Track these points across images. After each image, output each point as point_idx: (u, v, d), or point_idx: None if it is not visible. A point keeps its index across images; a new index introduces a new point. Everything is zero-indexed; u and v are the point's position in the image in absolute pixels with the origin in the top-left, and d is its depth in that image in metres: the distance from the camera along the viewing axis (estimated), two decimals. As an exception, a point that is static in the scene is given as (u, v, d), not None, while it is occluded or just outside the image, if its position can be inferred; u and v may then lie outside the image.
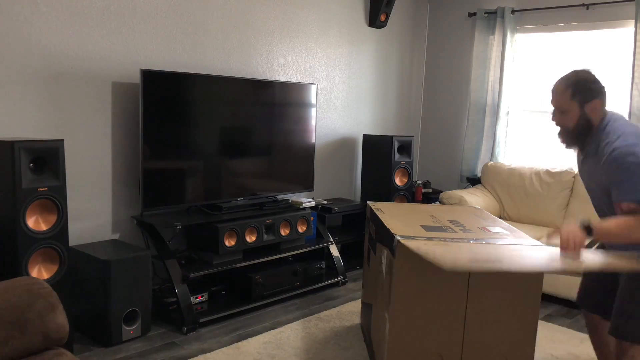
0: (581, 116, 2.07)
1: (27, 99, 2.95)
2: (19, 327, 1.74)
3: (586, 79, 2.08)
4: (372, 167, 4.72)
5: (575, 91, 2.07)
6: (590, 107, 2.06)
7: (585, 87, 2.06)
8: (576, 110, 2.07)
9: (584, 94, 2.06)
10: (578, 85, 2.07)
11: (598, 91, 2.07)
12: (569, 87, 2.08)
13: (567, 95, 2.08)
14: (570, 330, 3.43)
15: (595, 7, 4.37)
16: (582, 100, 2.06)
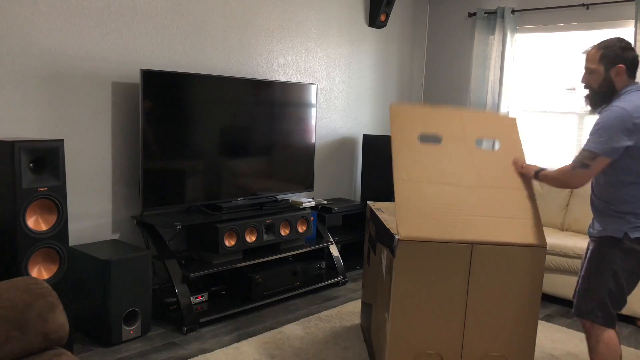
0: (605, 78, 2.19)
1: (27, 99, 2.95)
2: (19, 327, 1.74)
3: (618, 45, 2.18)
4: (372, 167, 4.72)
5: (604, 54, 2.18)
6: (614, 71, 2.17)
7: (614, 52, 2.17)
8: (601, 71, 2.19)
9: (611, 58, 2.17)
10: (608, 48, 2.18)
11: (626, 58, 2.16)
12: (600, 50, 2.20)
13: (597, 56, 2.20)
14: (570, 330, 3.43)
15: (595, 7, 4.37)
16: (607, 63, 2.18)
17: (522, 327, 2.32)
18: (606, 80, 2.19)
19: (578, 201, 4.21)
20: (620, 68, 2.16)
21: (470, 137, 2.59)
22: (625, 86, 2.18)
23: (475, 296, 2.30)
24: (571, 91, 4.63)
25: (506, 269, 2.28)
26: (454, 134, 2.58)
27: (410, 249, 2.26)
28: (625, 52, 2.17)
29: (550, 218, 4.33)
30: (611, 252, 2.20)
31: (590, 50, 2.24)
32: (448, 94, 5.39)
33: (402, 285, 2.28)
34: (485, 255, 2.28)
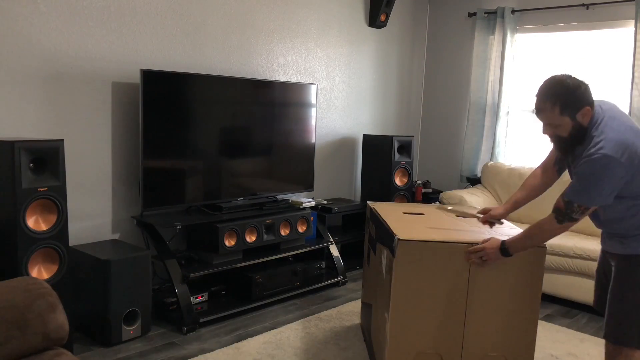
0: (574, 126, 2.01)
1: (27, 99, 2.95)
2: (19, 327, 1.74)
3: (569, 88, 1.98)
4: (372, 167, 4.72)
5: (564, 106, 1.98)
6: (581, 115, 1.99)
7: (572, 98, 1.98)
8: (568, 122, 2.00)
9: (573, 105, 1.98)
10: (563, 98, 1.98)
11: (584, 96, 1.99)
12: (556, 104, 1.98)
13: (556, 112, 2.00)
14: (570, 330, 3.43)
15: (595, 7, 4.37)
16: (572, 112, 1.99)
17: (522, 327, 2.32)
18: (575, 128, 2.00)
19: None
20: (587, 110, 1.98)
21: (448, 213, 2.89)
22: (590, 120, 2.00)
23: (475, 296, 2.30)
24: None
25: (506, 269, 2.28)
26: (433, 211, 2.91)
27: (410, 249, 2.26)
28: (579, 90, 1.97)
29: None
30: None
31: (544, 107, 2.03)
32: (448, 94, 5.39)
33: (402, 285, 2.28)
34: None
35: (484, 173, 4.82)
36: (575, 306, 3.84)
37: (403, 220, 2.62)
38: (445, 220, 2.71)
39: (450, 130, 5.39)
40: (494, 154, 4.94)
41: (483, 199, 4.57)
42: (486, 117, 4.97)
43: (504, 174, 4.65)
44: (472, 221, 2.64)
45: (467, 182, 5.11)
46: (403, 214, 2.81)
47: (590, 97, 2.02)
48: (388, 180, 4.57)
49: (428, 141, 5.58)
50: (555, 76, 2.04)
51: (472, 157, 5.11)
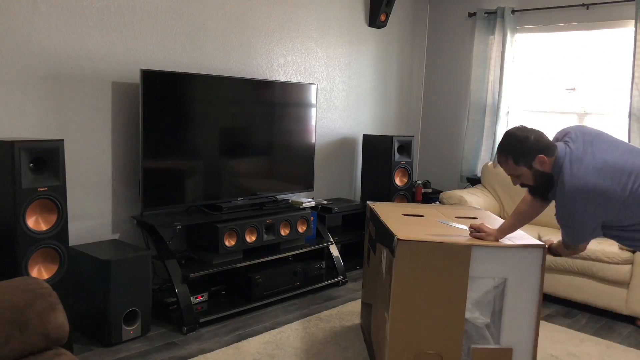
0: (534, 174, 2.13)
1: (27, 99, 2.95)
2: (19, 327, 1.74)
3: (519, 140, 2.11)
4: (372, 167, 4.72)
5: (516, 158, 2.12)
6: (537, 163, 2.10)
7: (522, 150, 2.10)
8: (527, 171, 2.13)
9: (525, 156, 2.10)
10: (515, 151, 2.12)
11: (535, 146, 2.09)
12: (509, 156, 2.14)
13: (511, 163, 2.15)
14: (570, 330, 3.43)
15: (595, 7, 4.37)
16: (526, 162, 2.11)
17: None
18: (537, 175, 2.13)
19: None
20: (541, 158, 2.09)
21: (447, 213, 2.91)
22: (555, 163, 2.10)
23: (475, 296, 2.30)
24: (571, 91, 4.63)
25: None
26: (432, 212, 2.91)
27: (410, 249, 2.26)
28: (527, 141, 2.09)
29: (550, 218, 4.33)
30: None
31: (500, 160, 2.17)
32: (448, 94, 5.39)
33: (402, 285, 2.28)
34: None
35: (484, 173, 4.82)
36: (575, 306, 3.84)
37: (403, 221, 2.62)
38: (445, 219, 2.71)
39: (450, 130, 5.39)
40: (494, 154, 4.94)
41: (483, 199, 4.57)
42: (486, 117, 4.97)
43: (504, 174, 4.64)
44: (470, 222, 2.64)
45: (467, 182, 5.11)
46: (403, 215, 2.81)
47: (543, 145, 2.11)
48: (388, 180, 4.57)
49: (428, 141, 5.58)
50: (509, 130, 2.19)
51: (472, 157, 5.11)
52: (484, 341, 2.35)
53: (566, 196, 2.01)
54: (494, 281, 2.31)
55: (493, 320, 2.35)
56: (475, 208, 3.22)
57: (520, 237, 2.40)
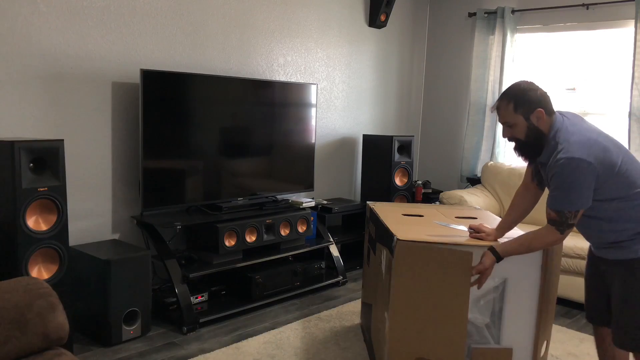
0: (529, 127, 2.08)
1: (27, 99, 2.95)
2: (19, 327, 1.74)
3: (525, 89, 2.09)
4: (372, 167, 4.72)
5: (517, 104, 2.07)
6: (534, 117, 2.07)
7: (525, 98, 2.07)
8: (522, 122, 2.09)
9: (526, 105, 2.07)
10: (518, 97, 2.08)
11: (539, 99, 2.07)
12: (511, 101, 2.09)
13: (510, 109, 2.09)
14: (570, 330, 3.43)
15: (595, 7, 4.37)
16: (525, 111, 2.07)
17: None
18: (530, 129, 2.08)
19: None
20: (540, 112, 2.05)
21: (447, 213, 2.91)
22: (551, 126, 2.08)
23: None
24: (571, 91, 4.63)
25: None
26: (431, 212, 2.91)
27: (410, 249, 2.26)
28: (534, 93, 2.07)
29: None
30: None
31: (500, 104, 2.12)
32: (448, 94, 5.39)
33: (402, 285, 2.28)
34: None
35: (484, 173, 4.82)
36: (575, 306, 3.84)
37: (402, 221, 2.62)
38: (444, 221, 2.71)
39: (450, 130, 5.39)
40: (494, 154, 4.94)
41: (483, 199, 4.57)
42: (486, 117, 4.97)
43: (504, 174, 4.65)
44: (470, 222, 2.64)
45: (467, 182, 5.11)
46: (403, 215, 2.81)
47: (546, 103, 2.09)
48: (388, 180, 4.57)
49: (428, 141, 5.58)
50: (517, 81, 2.16)
51: (472, 157, 5.11)
52: (484, 341, 2.35)
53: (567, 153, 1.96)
54: (494, 281, 2.31)
55: (493, 320, 2.35)
56: (475, 208, 3.22)
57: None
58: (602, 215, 2.05)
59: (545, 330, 2.43)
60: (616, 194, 2.00)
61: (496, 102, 2.15)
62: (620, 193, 2.00)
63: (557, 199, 2.00)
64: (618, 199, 2.00)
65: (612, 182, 1.98)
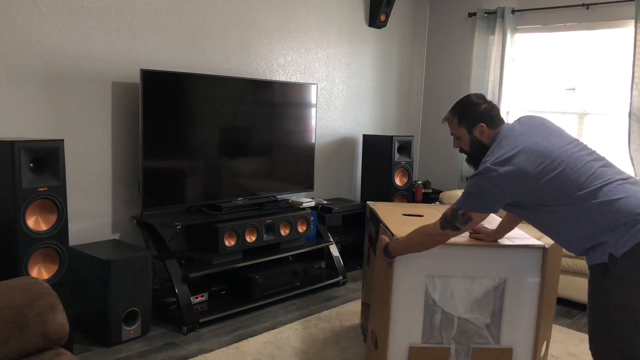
0: (472, 140, 2.14)
1: (27, 99, 2.95)
2: (19, 327, 1.74)
3: (469, 104, 2.14)
4: (372, 167, 4.72)
5: (461, 118, 2.15)
6: (477, 131, 2.12)
7: (469, 113, 2.13)
8: (466, 135, 2.15)
9: (469, 119, 2.13)
10: (462, 112, 2.15)
11: (482, 114, 2.11)
12: (455, 115, 2.16)
13: (455, 122, 2.17)
14: (570, 330, 3.43)
15: (595, 7, 4.37)
16: (468, 125, 2.14)
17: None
18: (473, 142, 2.14)
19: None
20: (482, 127, 2.10)
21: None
22: (493, 139, 2.09)
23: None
24: (571, 91, 4.63)
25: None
26: (431, 212, 2.90)
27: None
28: (477, 108, 2.12)
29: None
30: (604, 282, 1.85)
31: (448, 117, 2.20)
32: (448, 94, 5.39)
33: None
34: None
35: (484, 173, 4.81)
36: (575, 306, 3.84)
37: (402, 221, 2.62)
38: None
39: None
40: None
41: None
42: (486, 117, 4.96)
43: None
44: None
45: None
46: (403, 215, 2.81)
47: (489, 117, 2.11)
48: (388, 180, 4.57)
49: (428, 141, 5.58)
50: (467, 94, 2.21)
51: (472, 157, 5.10)
52: (484, 341, 2.36)
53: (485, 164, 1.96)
54: (494, 281, 2.31)
55: (493, 320, 2.35)
56: None
57: (520, 237, 2.40)
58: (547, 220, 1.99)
59: (545, 330, 2.43)
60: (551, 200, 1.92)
61: (446, 114, 2.23)
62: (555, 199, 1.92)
63: (461, 199, 2.01)
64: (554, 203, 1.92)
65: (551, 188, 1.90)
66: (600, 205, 1.85)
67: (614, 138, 4.35)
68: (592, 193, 1.87)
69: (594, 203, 1.86)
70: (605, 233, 1.85)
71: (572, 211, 1.90)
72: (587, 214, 1.87)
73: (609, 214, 1.84)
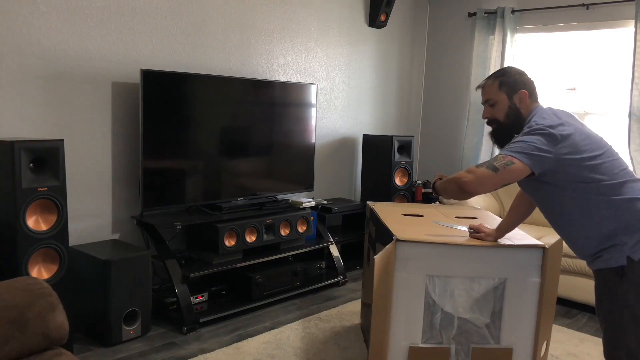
0: (510, 107, 2.07)
1: (27, 99, 2.95)
2: (19, 327, 1.74)
3: (512, 71, 2.12)
4: (372, 167, 4.72)
5: (503, 82, 2.09)
6: (517, 98, 2.06)
7: (512, 79, 2.09)
8: (505, 100, 2.07)
9: (511, 84, 2.08)
10: (504, 76, 2.10)
11: (524, 82, 2.09)
12: (497, 79, 2.10)
13: (495, 86, 2.10)
14: (570, 330, 3.43)
15: (595, 7, 4.37)
16: (509, 90, 2.07)
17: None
18: (511, 109, 2.06)
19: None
20: (523, 94, 2.05)
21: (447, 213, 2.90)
22: (531, 111, 2.04)
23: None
24: (571, 91, 4.63)
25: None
26: (432, 212, 2.91)
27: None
28: (521, 76, 2.10)
29: (550, 218, 4.33)
30: (620, 287, 1.82)
31: (485, 82, 2.14)
32: (448, 94, 5.39)
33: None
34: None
35: (484, 173, 4.81)
36: (575, 306, 3.84)
37: (402, 221, 2.62)
38: (444, 221, 2.71)
39: (450, 130, 5.39)
40: (494, 154, 4.94)
41: (483, 199, 4.57)
42: (486, 117, 4.97)
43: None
44: (470, 222, 2.64)
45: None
46: (402, 215, 2.81)
47: (531, 88, 2.10)
48: (388, 180, 4.57)
49: (428, 141, 5.58)
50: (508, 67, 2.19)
51: (472, 157, 5.11)
52: (484, 341, 2.36)
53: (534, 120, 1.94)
54: (494, 281, 2.31)
55: (493, 320, 2.35)
56: (475, 208, 3.22)
57: (520, 237, 2.40)
58: (571, 205, 1.92)
59: (545, 330, 2.43)
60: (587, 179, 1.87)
61: (482, 82, 2.17)
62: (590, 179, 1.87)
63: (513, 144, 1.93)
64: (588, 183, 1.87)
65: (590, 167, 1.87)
66: (628, 201, 1.84)
67: (614, 138, 4.35)
68: (622, 185, 1.86)
69: (622, 199, 1.85)
70: (625, 234, 1.83)
71: (600, 204, 1.87)
72: (615, 210, 1.85)
73: (634, 213, 1.83)
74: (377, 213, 2.81)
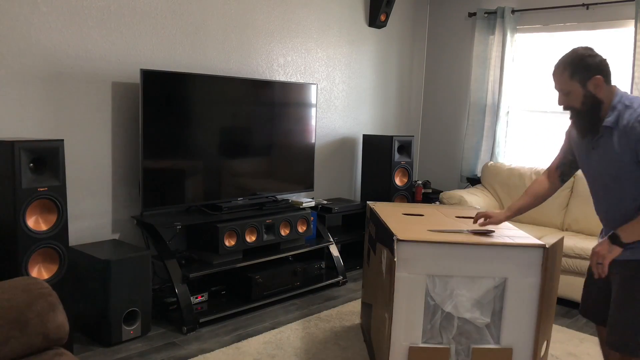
0: (585, 95, 1.98)
1: (27, 99, 2.95)
2: (19, 327, 1.74)
3: (583, 55, 1.98)
4: (372, 167, 4.72)
5: (574, 70, 1.97)
6: (592, 84, 1.96)
7: (583, 64, 1.97)
8: (578, 89, 1.97)
9: (583, 71, 1.96)
10: (575, 63, 1.97)
11: (597, 66, 1.97)
12: (567, 67, 1.99)
13: (566, 75, 1.99)
14: (570, 330, 3.43)
15: (595, 7, 4.37)
16: (582, 78, 1.96)
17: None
18: (587, 97, 1.97)
19: (578, 201, 4.21)
20: (599, 80, 1.95)
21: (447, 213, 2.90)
22: (614, 94, 1.97)
23: (475, 296, 2.30)
24: (571, 91, 4.62)
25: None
26: (432, 212, 2.91)
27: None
28: (593, 59, 1.96)
29: (550, 218, 4.33)
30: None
31: (555, 71, 2.03)
32: (448, 94, 5.39)
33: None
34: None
35: (484, 173, 4.82)
36: (575, 306, 3.84)
37: (403, 221, 2.62)
38: (445, 221, 2.71)
39: (450, 130, 5.39)
40: (494, 154, 4.94)
41: (483, 199, 4.57)
42: (486, 117, 4.97)
43: (504, 174, 4.65)
44: (470, 222, 2.64)
45: (467, 182, 5.11)
46: (403, 215, 2.81)
47: (605, 70, 1.99)
48: (388, 180, 4.57)
49: (428, 141, 5.58)
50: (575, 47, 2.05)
51: (472, 157, 5.11)
52: (484, 341, 2.36)
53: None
54: (494, 281, 2.31)
55: (493, 320, 2.35)
56: (475, 208, 3.22)
57: (520, 237, 2.40)
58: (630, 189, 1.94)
59: (545, 330, 2.43)
60: None
61: (553, 69, 2.05)
62: None
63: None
64: None
65: None
66: None
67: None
68: None
69: None
70: None
71: None
72: None
73: None
74: (377, 213, 2.81)
